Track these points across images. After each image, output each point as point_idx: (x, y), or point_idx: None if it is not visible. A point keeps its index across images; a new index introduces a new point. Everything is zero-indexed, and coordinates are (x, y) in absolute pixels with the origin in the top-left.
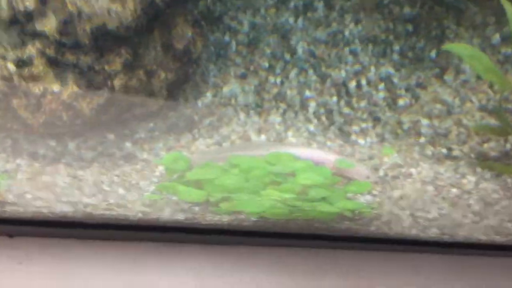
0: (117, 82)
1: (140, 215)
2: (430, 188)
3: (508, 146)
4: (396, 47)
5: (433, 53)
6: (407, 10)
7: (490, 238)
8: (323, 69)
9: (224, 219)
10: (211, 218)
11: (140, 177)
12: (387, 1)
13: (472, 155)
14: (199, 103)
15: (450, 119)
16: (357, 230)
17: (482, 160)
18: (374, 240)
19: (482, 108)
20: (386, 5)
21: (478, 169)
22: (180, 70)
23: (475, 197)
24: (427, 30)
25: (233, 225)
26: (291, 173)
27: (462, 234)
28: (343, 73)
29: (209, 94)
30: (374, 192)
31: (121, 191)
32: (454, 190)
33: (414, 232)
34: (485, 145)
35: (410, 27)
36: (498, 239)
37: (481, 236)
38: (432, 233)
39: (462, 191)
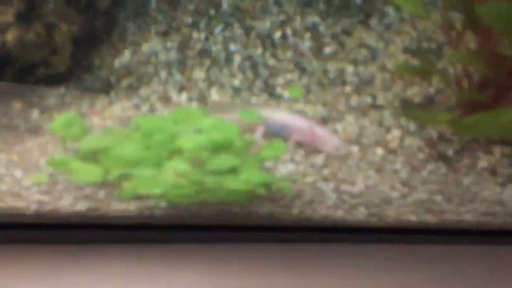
0: (9, 36)
1: (34, 206)
2: (355, 149)
3: (432, 90)
4: None
5: (359, 0)
6: None
7: (421, 219)
8: (248, 21)
9: (131, 208)
10: (116, 207)
11: (42, 154)
12: None
13: (396, 104)
14: (116, 63)
15: (374, 64)
16: (279, 215)
17: (406, 108)
18: (301, 228)
19: (406, 50)
20: None
21: (403, 121)
22: (86, 23)
23: (401, 159)
24: None
25: (144, 217)
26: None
27: (391, 215)
28: (268, 24)
29: (127, 53)
30: (297, 157)
31: (18, 173)
32: (379, 151)
33: (340, 214)
34: (409, 91)
35: None
36: (430, 219)
37: (411, 216)
38: (360, 214)
39: (388, 151)
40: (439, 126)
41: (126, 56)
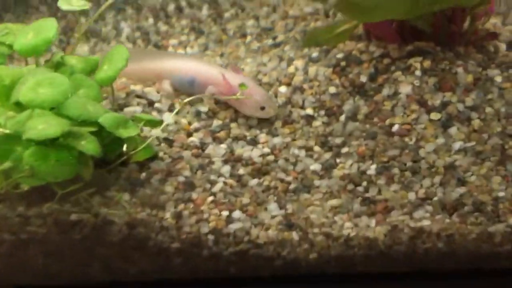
0: None
1: None
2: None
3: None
4: None
5: None
6: None
7: (361, 231)
8: (141, 2)
9: None
10: None
11: None
12: None
13: (298, 38)
14: None
15: (276, 15)
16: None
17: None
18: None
19: None
20: None
21: (305, 51)
22: None
23: (311, 98)
24: None
25: None
26: None
27: (317, 222)
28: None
29: None
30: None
31: None
32: (283, 89)
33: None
34: (312, 24)
35: None
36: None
37: (340, 220)
38: (268, 219)
39: (293, 88)
40: (342, 43)
41: None
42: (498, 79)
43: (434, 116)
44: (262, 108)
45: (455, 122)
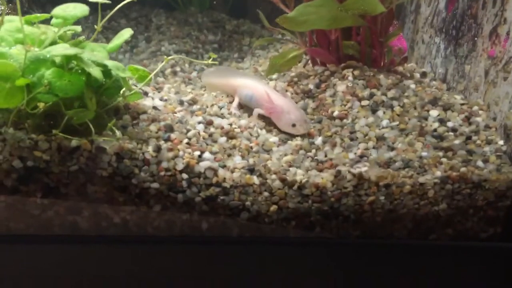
0: None
1: None
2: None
3: None
4: None
5: None
6: None
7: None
8: None
9: None
10: None
11: None
12: None
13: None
14: None
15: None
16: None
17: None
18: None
19: None
20: None
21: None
22: None
23: None
24: None
25: None
26: None
27: (273, 169)
28: None
29: None
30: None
31: None
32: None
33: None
34: None
35: None
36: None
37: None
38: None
39: None
40: (294, 67)
41: None
42: (412, 86)
43: (364, 103)
44: (293, 125)
45: (381, 108)
